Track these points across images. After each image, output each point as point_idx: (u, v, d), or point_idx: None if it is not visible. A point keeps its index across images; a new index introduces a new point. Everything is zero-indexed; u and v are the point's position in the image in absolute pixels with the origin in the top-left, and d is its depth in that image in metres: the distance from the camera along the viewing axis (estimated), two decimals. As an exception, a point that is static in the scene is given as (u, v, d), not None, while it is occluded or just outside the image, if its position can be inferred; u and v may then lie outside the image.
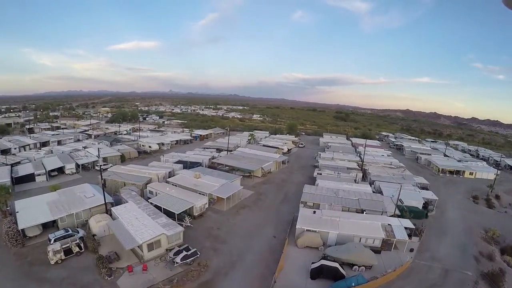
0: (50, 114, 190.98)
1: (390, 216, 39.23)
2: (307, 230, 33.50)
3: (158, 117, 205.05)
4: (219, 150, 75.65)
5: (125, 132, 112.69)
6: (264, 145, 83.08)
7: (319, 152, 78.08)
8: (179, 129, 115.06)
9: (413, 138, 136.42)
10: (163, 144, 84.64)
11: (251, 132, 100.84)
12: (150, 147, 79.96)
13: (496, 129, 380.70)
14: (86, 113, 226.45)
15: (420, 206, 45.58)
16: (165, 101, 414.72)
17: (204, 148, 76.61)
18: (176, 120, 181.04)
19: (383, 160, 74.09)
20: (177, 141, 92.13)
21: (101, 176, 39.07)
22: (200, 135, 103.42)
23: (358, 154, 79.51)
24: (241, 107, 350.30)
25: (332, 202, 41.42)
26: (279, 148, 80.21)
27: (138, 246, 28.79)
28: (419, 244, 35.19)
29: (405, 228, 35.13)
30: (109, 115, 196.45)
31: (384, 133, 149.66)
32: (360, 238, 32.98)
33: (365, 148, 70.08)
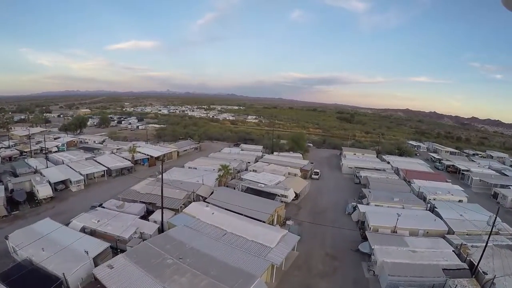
0: (14, 119, 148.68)
1: None
2: None
3: (136, 120, 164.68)
4: (152, 206, 34.36)
5: (55, 150, 72.37)
6: (248, 189, 40.73)
7: (357, 205, 36.20)
8: (128, 145, 71.76)
9: (457, 150, 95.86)
10: (71, 182, 44.05)
11: (225, 163, 46.76)
12: (38, 191, 39.63)
13: (499, 129, 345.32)
14: (61, 115, 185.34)
15: None
16: (158, 101, 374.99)
17: (124, 199, 35.20)
18: (153, 125, 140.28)
19: (479, 222, 30.43)
20: (105, 171, 50.06)
21: None
22: (151, 156, 59.35)
23: (430, 207, 38.76)
24: (236, 107, 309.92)
25: None
26: (279, 195, 38.76)
27: None
28: None
29: None
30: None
31: (413, 143, 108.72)
32: None
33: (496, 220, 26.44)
